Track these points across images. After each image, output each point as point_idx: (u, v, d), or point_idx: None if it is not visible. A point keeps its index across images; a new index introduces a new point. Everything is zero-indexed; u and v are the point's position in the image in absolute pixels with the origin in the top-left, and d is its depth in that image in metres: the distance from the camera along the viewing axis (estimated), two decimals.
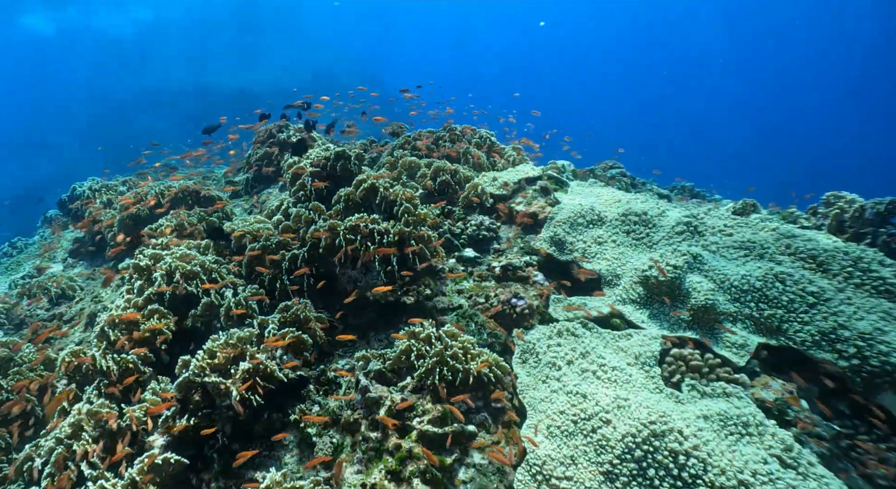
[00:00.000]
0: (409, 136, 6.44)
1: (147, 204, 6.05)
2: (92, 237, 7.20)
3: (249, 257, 4.22)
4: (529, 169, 5.60)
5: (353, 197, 4.25)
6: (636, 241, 4.33)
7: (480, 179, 5.29)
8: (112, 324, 3.88)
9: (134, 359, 3.77)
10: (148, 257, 4.33)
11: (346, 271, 4.03)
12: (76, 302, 6.32)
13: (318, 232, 3.96)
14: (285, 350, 3.64)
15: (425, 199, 4.99)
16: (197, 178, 11.19)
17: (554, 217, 4.55)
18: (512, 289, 4.10)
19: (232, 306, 3.78)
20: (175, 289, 4.05)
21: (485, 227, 4.60)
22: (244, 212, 7.16)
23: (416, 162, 5.24)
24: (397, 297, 3.88)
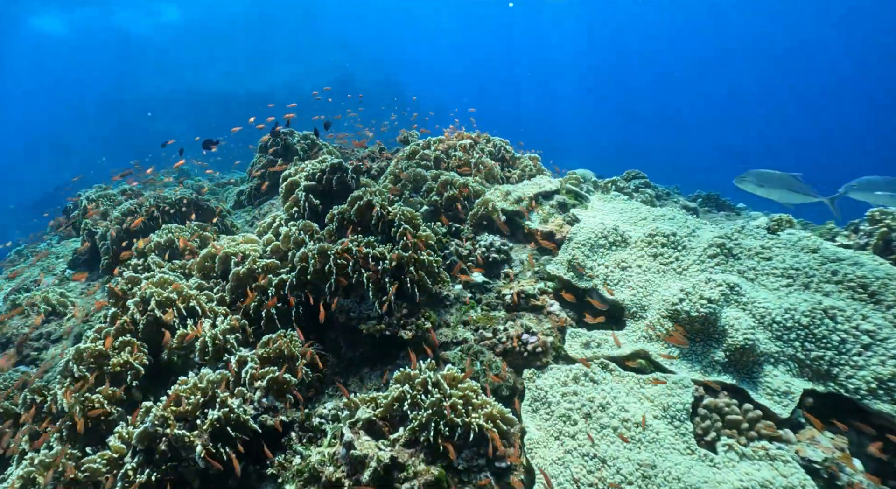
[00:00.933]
0: (419, 145, 6.05)
1: (138, 219, 5.77)
2: (89, 249, 6.97)
3: (234, 282, 3.86)
4: (546, 181, 5.15)
5: (348, 215, 3.87)
6: (664, 265, 3.86)
7: (492, 194, 4.87)
8: (78, 358, 3.55)
9: (100, 399, 3.44)
10: (125, 280, 4.01)
11: (337, 300, 3.64)
12: (67, 319, 6.06)
13: (306, 255, 3.59)
14: (265, 392, 3.27)
15: (431, 215, 4.58)
16: (210, 184, 11.01)
17: (572, 238, 4.10)
18: (524, 321, 3.66)
19: (207, 342, 3.42)
20: (150, 319, 3.72)
21: (495, 249, 4.17)
22: (246, 224, 6.86)
23: (422, 174, 4.83)
24: (394, 331, 3.48)
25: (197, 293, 3.79)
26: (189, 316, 3.74)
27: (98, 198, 7.06)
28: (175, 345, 3.63)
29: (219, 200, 9.79)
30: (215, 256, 4.06)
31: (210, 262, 4.13)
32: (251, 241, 4.21)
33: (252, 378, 3.25)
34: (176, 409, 3.03)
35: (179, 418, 3.04)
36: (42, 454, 3.20)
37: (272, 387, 3.29)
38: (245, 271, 3.83)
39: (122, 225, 6.12)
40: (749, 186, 4.99)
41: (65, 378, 3.53)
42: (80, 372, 3.51)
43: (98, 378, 3.60)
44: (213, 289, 4.05)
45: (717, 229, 4.38)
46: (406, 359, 3.65)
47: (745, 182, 4.97)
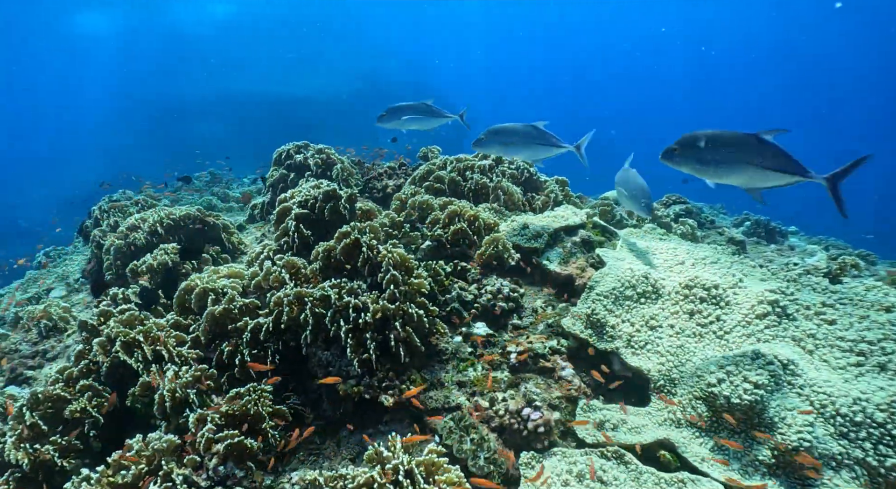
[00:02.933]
0: (434, 164, 5.60)
1: (136, 238, 5.54)
2: (98, 261, 6.83)
3: (209, 322, 3.50)
4: (571, 213, 4.60)
5: (335, 254, 3.44)
6: (702, 327, 3.26)
7: (508, 226, 4.35)
8: (34, 403, 3.24)
9: (50, 450, 3.12)
10: (98, 313, 3.71)
11: (316, 352, 3.22)
12: (67, 335, 5.89)
13: (281, 300, 3.18)
14: (222, 459, 2.87)
15: (434, 252, 4.11)
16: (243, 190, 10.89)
17: (594, 287, 3.55)
18: (529, 387, 3.14)
19: (165, 395, 3.05)
20: (115, 361, 3.39)
21: (503, 296, 3.66)
22: (255, 241, 6.57)
23: (428, 203, 4.37)
24: (374, 395, 3.02)
25: (165, 335, 3.44)
26: (156, 360, 3.39)
27: (110, 209, 6.91)
28: (138, 393, 3.29)
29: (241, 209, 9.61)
30: (192, 290, 3.71)
31: (188, 296, 3.78)
32: (235, 276, 3.84)
33: (208, 442, 2.86)
34: (113, 481, 2.67)
35: None
36: None
37: (231, 452, 2.89)
38: (221, 311, 3.46)
39: (126, 240, 5.91)
40: (494, 151, 4.21)
41: (17, 425, 3.23)
42: (32, 419, 3.21)
43: (56, 424, 3.30)
44: (190, 327, 3.71)
45: (769, 275, 3.75)
46: (391, 423, 3.20)
47: (485, 146, 4.12)
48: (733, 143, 2.87)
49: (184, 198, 10.61)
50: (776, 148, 2.78)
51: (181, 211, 5.91)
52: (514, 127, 4.07)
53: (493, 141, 4.10)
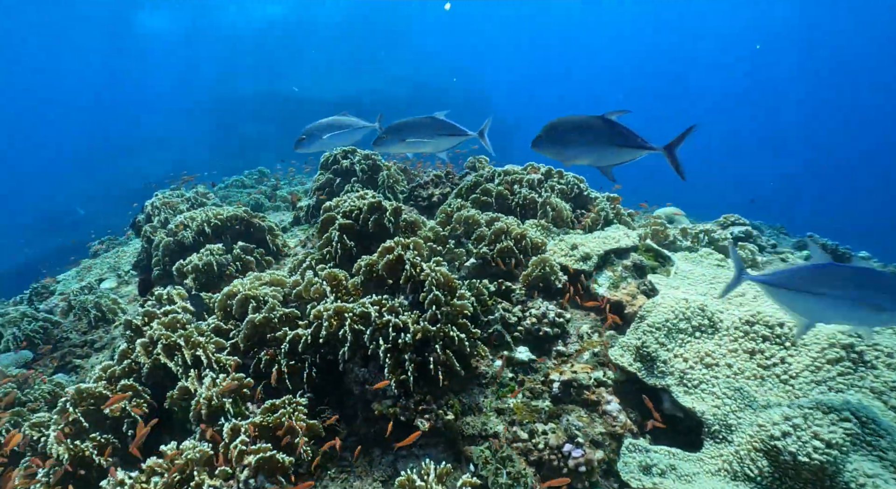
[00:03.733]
0: (482, 176, 5.50)
1: (184, 236, 5.65)
2: (148, 256, 7.02)
3: (249, 330, 3.49)
4: (622, 234, 4.41)
5: (377, 269, 3.38)
6: (764, 369, 3.04)
7: (555, 247, 4.21)
8: (77, 400, 3.31)
9: (89, 448, 3.17)
10: (142, 314, 3.77)
11: (353, 368, 3.16)
12: (114, 326, 6.07)
13: (321, 313, 3.14)
14: (254, 472, 2.85)
15: (479, 270, 4.00)
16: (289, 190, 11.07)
17: (645, 317, 3.37)
18: (571, 419, 3.00)
19: (202, 402, 3.05)
20: (156, 363, 3.43)
21: (548, 321, 3.52)
22: (299, 244, 6.61)
23: (475, 218, 4.26)
24: (409, 418, 2.94)
25: (205, 340, 3.45)
26: (195, 365, 3.41)
27: (161, 206, 7.10)
28: (176, 397, 3.31)
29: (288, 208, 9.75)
30: (235, 296, 3.72)
31: (230, 301, 3.80)
32: (277, 283, 3.83)
33: (240, 454, 2.84)
34: (146, 488, 2.68)
35: None
36: None
37: (263, 466, 2.86)
38: (261, 320, 3.45)
39: (175, 238, 6.05)
40: (396, 148, 3.94)
41: (60, 419, 3.30)
42: (74, 414, 3.27)
43: (96, 422, 3.36)
44: (230, 333, 3.72)
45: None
46: (425, 447, 3.11)
47: (386, 144, 3.89)
48: (586, 125, 3.07)
49: (233, 195, 10.86)
50: (621, 126, 3.02)
51: (228, 212, 6.01)
52: (414, 121, 3.92)
53: (395, 138, 3.92)
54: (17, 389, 4.64)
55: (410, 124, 3.94)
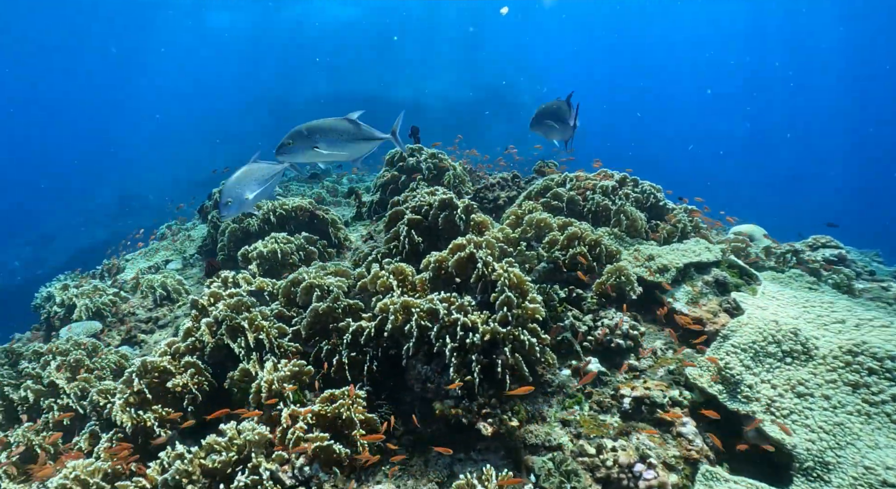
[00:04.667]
0: (552, 180, 5.38)
1: (249, 223, 5.80)
2: (213, 241, 7.27)
3: (312, 318, 3.52)
4: (703, 248, 4.19)
5: (446, 266, 3.33)
6: (870, 405, 2.78)
7: (629, 257, 4.04)
8: (143, 371, 3.42)
9: (151, 418, 3.26)
10: (208, 295, 3.86)
11: (416, 365, 3.11)
12: (178, 306, 6.30)
13: (387, 307, 3.11)
14: (310, 459, 2.84)
15: (549, 274, 3.89)
16: (350, 185, 11.29)
17: (729, 336, 3.17)
18: (642, 439, 2.84)
19: (262, 385, 3.08)
20: (219, 343, 3.50)
21: (620, 333, 3.37)
22: (360, 239, 6.67)
23: (547, 222, 4.15)
24: (471, 420, 2.86)
25: (269, 324, 3.50)
26: (257, 348, 3.46)
27: None
28: (237, 378, 3.37)
29: (348, 203, 9.91)
30: (300, 283, 3.76)
31: (295, 289, 3.84)
32: (341, 274, 3.85)
33: (297, 440, 2.84)
34: (204, 464, 2.71)
35: (207, 474, 2.72)
36: (83, 466, 3.06)
37: (319, 455, 2.86)
38: (325, 309, 3.46)
39: (240, 225, 6.23)
40: (302, 157, 3.68)
41: (126, 389, 3.42)
42: (139, 386, 3.38)
43: (158, 395, 3.46)
44: (293, 319, 3.76)
45: None
46: (486, 451, 3.02)
47: (291, 152, 3.61)
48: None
49: (294, 189, 11.13)
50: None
51: (294, 202, 6.14)
52: (326, 124, 3.62)
53: (304, 145, 3.60)
54: (87, 357, 4.86)
55: (323, 128, 3.63)
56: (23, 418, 4.29)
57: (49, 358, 4.84)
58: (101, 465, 3.09)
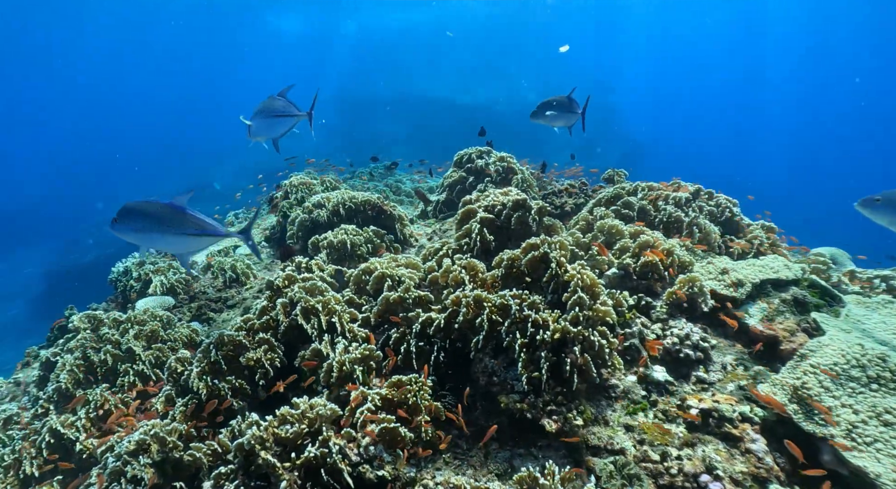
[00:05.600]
0: (623, 188, 5.39)
1: (319, 214, 6.07)
2: (282, 228, 7.64)
3: (382, 306, 3.70)
4: (782, 265, 4.12)
5: (518, 264, 3.44)
6: None
7: (704, 268, 4.03)
8: (220, 343, 3.68)
9: (224, 388, 3.52)
10: (283, 277, 4.11)
11: (483, 358, 3.23)
12: (245, 289, 6.66)
13: (459, 300, 3.24)
14: (374, 440, 3.00)
15: (619, 281, 3.93)
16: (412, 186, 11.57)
17: (807, 356, 3.12)
18: (708, 451, 2.85)
19: (334, 366, 3.27)
20: (293, 323, 3.73)
21: (691, 344, 3.38)
22: (425, 236, 6.85)
23: (618, 229, 4.19)
24: (536, 416, 2.95)
25: (341, 309, 3.70)
26: (329, 331, 3.66)
27: (299, 185, 7.69)
28: (308, 357, 3.58)
29: (411, 202, 10.16)
30: (372, 273, 3.95)
31: (366, 277, 4.04)
32: (412, 266, 4.02)
33: (365, 420, 3.01)
34: (277, 433, 2.91)
35: (279, 442, 2.92)
36: (161, 425, 3.34)
37: (384, 436, 3.01)
38: (396, 298, 3.64)
39: (310, 215, 6.53)
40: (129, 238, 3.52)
41: (203, 358, 3.69)
42: (215, 357, 3.64)
43: (233, 367, 3.72)
44: (363, 307, 3.96)
45: None
46: (547, 448, 3.10)
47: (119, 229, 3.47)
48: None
49: (358, 186, 11.49)
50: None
51: (363, 196, 6.38)
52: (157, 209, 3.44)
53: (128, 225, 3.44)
54: (162, 329, 5.23)
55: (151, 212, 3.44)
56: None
57: (128, 326, 5.23)
58: (177, 426, 3.36)
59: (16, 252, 26.86)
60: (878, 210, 3.49)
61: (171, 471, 3.27)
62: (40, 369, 5.29)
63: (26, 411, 4.92)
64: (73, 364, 4.71)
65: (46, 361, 5.23)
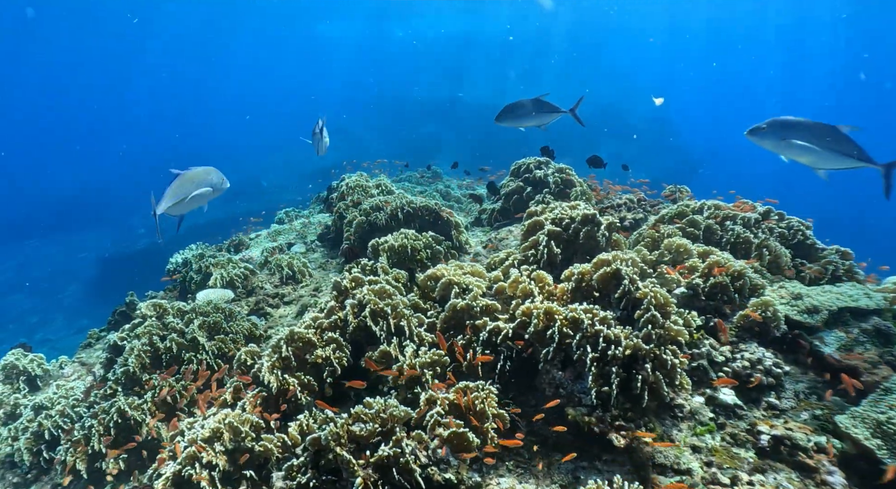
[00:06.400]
0: (687, 206, 5.38)
1: (377, 217, 6.25)
2: (336, 230, 7.87)
3: (449, 313, 3.81)
4: (861, 293, 4.05)
5: (589, 279, 3.50)
6: None
7: (775, 292, 4.00)
8: (290, 339, 3.86)
9: (294, 384, 3.69)
10: (349, 279, 4.27)
11: (550, 370, 3.31)
12: (301, 286, 6.89)
13: (530, 311, 3.33)
14: (443, 442, 3.11)
15: (687, 301, 3.94)
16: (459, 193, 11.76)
17: (893, 389, 3.09)
18: (780, 480, 2.86)
19: (403, 370, 3.40)
20: (361, 324, 3.88)
21: (763, 369, 3.37)
22: (479, 244, 6.94)
23: (686, 247, 4.20)
24: (604, 431, 3.01)
25: (410, 313, 3.84)
26: (397, 334, 3.80)
27: (355, 187, 7.91)
28: (375, 358, 3.72)
29: (461, 208, 10.31)
30: (439, 279, 4.08)
31: (432, 283, 4.17)
32: (477, 274, 4.13)
33: (435, 423, 3.12)
34: (352, 431, 3.05)
35: (352, 440, 3.06)
36: (233, 415, 3.53)
37: (452, 440, 3.12)
38: (463, 306, 3.75)
39: (368, 217, 6.73)
40: None
41: (273, 353, 3.87)
42: (286, 352, 3.82)
43: (301, 363, 3.89)
44: (428, 312, 4.09)
45: None
46: (612, 463, 3.15)
47: None
48: None
49: (406, 189, 11.70)
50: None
51: (421, 201, 6.54)
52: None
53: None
54: (224, 321, 5.48)
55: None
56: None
57: (192, 316, 5.51)
58: (249, 417, 3.54)
59: (72, 236, 28.38)
60: (763, 136, 4.24)
61: (240, 459, 3.45)
62: (107, 352, 5.58)
63: (95, 391, 5.22)
64: (140, 349, 4.98)
65: (114, 345, 5.52)
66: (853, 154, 3.96)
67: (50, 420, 4.80)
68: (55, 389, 5.48)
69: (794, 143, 4.08)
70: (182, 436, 3.74)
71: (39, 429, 4.75)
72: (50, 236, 28.62)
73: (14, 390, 6.02)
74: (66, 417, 4.86)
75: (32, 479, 4.78)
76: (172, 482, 3.23)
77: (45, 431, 4.72)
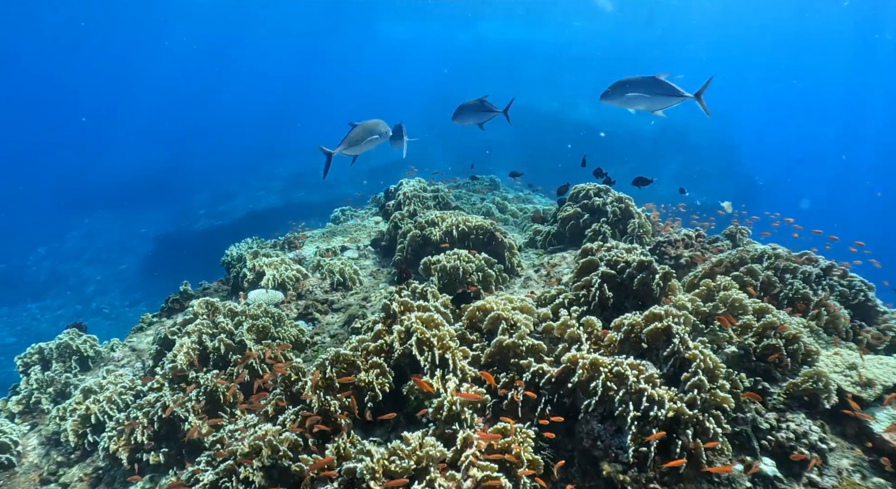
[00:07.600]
0: (747, 252, 5.31)
1: (431, 233, 6.40)
2: (390, 238, 8.09)
3: (495, 349, 3.93)
4: None
5: (638, 331, 3.56)
6: None
7: (829, 359, 3.94)
8: (335, 360, 4.03)
9: (336, 405, 3.85)
10: (398, 303, 4.42)
11: (590, 420, 3.39)
12: (350, 294, 7.13)
13: (575, 360, 3.42)
14: (476, 484, 3.24)
15: (738, 361, 3.93)
16: (515, 206, 11.83)
17: None
18: None
19: (445, 404, 3.54)
20: (406, 351, 4.03)
21: (807, 443, 3.35)
22: (531, 267, 6.98)
23: (742, 303, 4.17)
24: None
25: (455, 346, 3.97)
26: (441, 366, 3.94)
27: (412, 197, 8.11)
28: (417, 388, 3.87)
29: (516, 223, 10.36)
30: (487, 312, 4.20)
31: (480, 314, 4.30)
32: (526, 311, 4.23)
33: (469, 464, 3.25)
34: (387, 466, 3.20)
35: (387, 474, 3.20)
36: (273, 432, 3.72)
37: (484, 483, 3.24)
38: (510, 343, 3.86)
39: (422, 231, 6.90)
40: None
41: (318, 372, 4.07)
42: (330, 373, 4.00)
43: (343, 384, 4.06)
44: (474, 344, 4.21)
45: None
46: None
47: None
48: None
49: (463, 197, 11.83)
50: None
51: (476, 221, 6.66)
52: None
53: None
54: (272, 326, 5.74)
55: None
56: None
57: (241, 319, 5.79)
58: (289, 436, 3.73)
59: (133, 213, 30.00)
60: (611, 98, 5.03)
61: (277, 476, 3.65)
62: (157, 343, 5.92)
63: (142, 382, 5.54)
64: (189, 347, 5.28)
65: (165, 339, 5.85)
66: (673, 93, 4.83)
67: (97, 405, 5.16)
68: (104, 374, 5.85)
69: (631, 96, 4.92)
70: (222, 445, 3.98)
71: (87, 413, 5.10)
72: (114, 210, 30.34)
73: (66, 369, 6.48)
74: (112, 404, 5.21)
75: (76, 460, 5.14)
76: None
77: (92, 416, 5.08)
